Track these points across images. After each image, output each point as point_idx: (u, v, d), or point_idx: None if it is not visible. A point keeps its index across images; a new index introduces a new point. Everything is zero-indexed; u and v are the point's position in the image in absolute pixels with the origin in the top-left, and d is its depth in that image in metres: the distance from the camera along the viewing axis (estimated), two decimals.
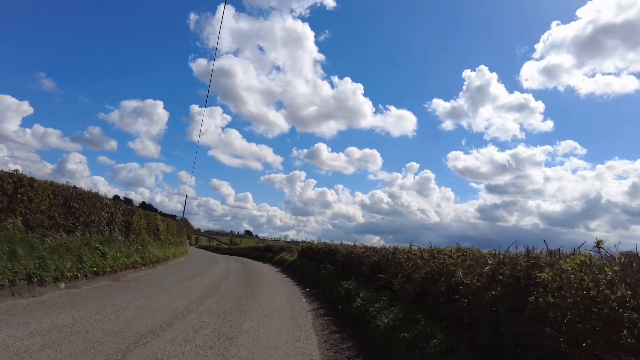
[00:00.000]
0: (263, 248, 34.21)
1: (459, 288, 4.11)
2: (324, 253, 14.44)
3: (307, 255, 18.20)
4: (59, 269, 7.81)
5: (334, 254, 12.85)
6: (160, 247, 16.94)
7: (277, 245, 29.99)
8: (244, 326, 6.27)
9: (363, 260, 8.87)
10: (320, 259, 14.51)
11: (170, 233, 21.95)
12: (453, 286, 4.20)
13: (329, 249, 13.98)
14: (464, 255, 4.41)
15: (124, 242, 12.00)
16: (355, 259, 9.76)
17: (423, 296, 4.80)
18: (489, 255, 4.27)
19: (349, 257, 10.47)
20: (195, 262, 20.37)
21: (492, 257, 4.11)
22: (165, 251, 17.53)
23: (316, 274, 12.89)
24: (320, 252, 15.06)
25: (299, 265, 17.58)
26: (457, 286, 4.12)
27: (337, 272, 10.83)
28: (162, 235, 18.14)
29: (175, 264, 17.24)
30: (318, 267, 13.83)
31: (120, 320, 5.86)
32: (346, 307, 7.09)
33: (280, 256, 24.42)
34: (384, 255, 7.74)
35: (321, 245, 15.99)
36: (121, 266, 11.06)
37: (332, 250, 13.43)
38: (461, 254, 4.45)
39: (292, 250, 25.86)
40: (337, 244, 13.57)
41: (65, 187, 9.13)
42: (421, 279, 4.92)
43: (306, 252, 18.82)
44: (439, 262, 4.68)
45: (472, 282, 3.97)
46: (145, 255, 13.49)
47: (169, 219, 22.58)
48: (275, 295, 10.01)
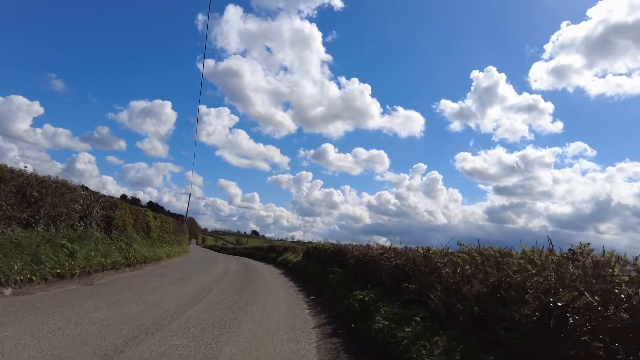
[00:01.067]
0: (267, 248, 32.57)
1: (565, 314, 2.39)
2: (331, 254, 12.74)
3: (312, 256, 16.52)
4: (1, 271, 6.27)
5: (343, 255, 11.15)
6: (151, 245, 15.43)
7: (281, 245, 28.34)
8: (223, 353, 4.61)
9: (381, 264, 7.15)
10: (328, 261, 12.82)
11: (166, 231, 20.47)
12: (552, 309, 2.48)
13: (337, 249, 12.28)
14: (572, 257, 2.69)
15: (102, 240, 10.48)
16: (369, 263, 8.05)
17: (487, 322, 3.10)
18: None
19: (361, 259, 8.77)
20: (192, 263, 18.84)
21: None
22: (158, 250, 16.02)
23: (323, 278, 11.19)
24: (328, 253, 13.36)
25: (304, 267, 15.90)
26: (563, 310, 2.40)
27: (348, 278, 9.12)
28: (154, 233, 16.64)
29: (169, 265, 15.71)
30: (325, 270, 12.13)
31: (52, 343, 4.24)
32: (362, 326, 5.37)
33: (284, 257, 22.79)
34: (409, 257, 6.00)
35: (328, 246, 14.29)
36: (96, 267, 9.52)
37: (341, 251, 11.72)
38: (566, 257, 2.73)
39: (297, 251, 24.21)
40: (347, 244, 11.86)
41: (20, 172, 7.60)
42: (483, 294, 3.21)
43: (312, 252, 17.14)
44: (516, 270, 2.98)
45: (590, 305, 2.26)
46: (130, 254, 11.97)
47: (164, 216, 21.11)
48: (273, 305, 8.34)
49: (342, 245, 12.52)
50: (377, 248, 8.67)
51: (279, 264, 22.63)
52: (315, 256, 15.70)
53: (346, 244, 12.07)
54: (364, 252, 8.90)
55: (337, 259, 11.74)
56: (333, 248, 13.11)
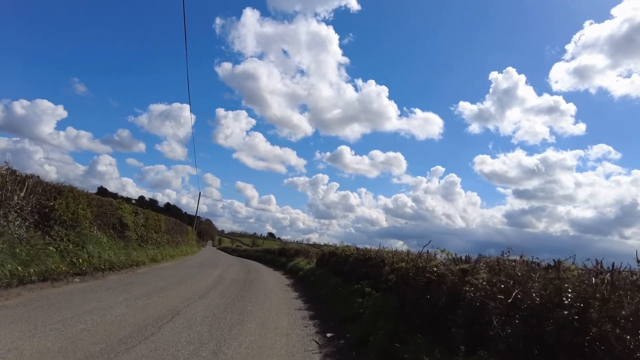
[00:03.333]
0: (277, 251, 29.14)
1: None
2: (356, 263, 9.12)
3: (329, 264, 12.94)
4: None
5: (375, 266, 7.54)
6: (125, 247, 12.23)
7: (293, 248, 24.81)
8: None
9: (467, 296, 3.53)
10: (351, 273, 9.23)
11: (155, 230, 17.34)
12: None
13: (365, 256, 8.63)
14: None
15: (27, 239, 7.27)
16: (433, 285, 4.43)
17: None
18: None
19: (413, 277, 5.14)
20: (184, 268, 15.60)
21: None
22: (136, 253, 12.82)
23: (344, 300, 7.62)
24: (350, 261, 9.75)
25: (318, 277, 12.33)
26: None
27: (391, 308, 5.49)
28: (131, 232, 13.47)
29: (148, 272, 12.50)
30: (347, 286, 8.55)
31: None
32: None
33: (295, 262, 19.29)
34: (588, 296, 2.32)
35: (350, 251, 10.66)
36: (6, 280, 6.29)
37: (371, 259, 8.10)
38: None
39: (311, 255, 20.64)
40: (380, 250, 8.22)
41: None
42: None
43: (328, 259, 13.55)
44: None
45: None
46: (80, 259, 8.75)
47: (152, 213, 17.99)
48: (264, 353, 4.82)
49: (371, 250, 8.87)
50: (445, 262, 4.98)
51: (288, 271, 19.15)
52: (333, 264, 12.11)
53: (378, 249, 8.43)
54: (417, 266, 5.25)
55: (365, 270, 8.11)
56: (358, 254, 9.48)
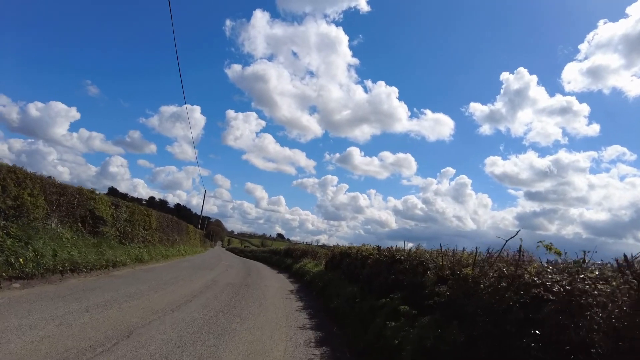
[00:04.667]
0: (283, 252, 27.00)
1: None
2: (377, 267, 6.84)
3: (340, 267, 10.71)
4: None
5: (412, 273, 5.25)
6: (97, 245, 10.21)
7: (299, 248, 22.60)
8: None
9: None
10: (370, 280, 6.97)
11: (144, 227, 15.37)
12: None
13: (393, 258, 6.34)
14: None
15: None
16: (564, 312, 2.19)
17: None
18: None
19: (496, 294, 2.89)
20: (177, 269, 13.55)
21: None
22: (112, 252, 10.80)
23: (366, 320, 5.39)
24: (369, 264, 7.49)
25: (328, 283, 10.09)
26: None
27: (450, 342, 3.24)
28: (108, 227, 11.47)
29: (129, 273, 10.45)
30: (367, 297, 6.30)
31: None
32: None
33: (301, 264, 17.10)
34: None
35: (368, 251, 8.39)
36: None
37: (402, 263, 5.84)
38: None
39: (319, 256, 18.42)
40: (420, 251, 5.90)
41: None
42: None
43: (339, 261, 11.31)
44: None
45: None
46: (20, 259, 6.73)
47: (141, 207, 16.00)
48: None
49: (400, 250, 6.55)
50: (559, 267, 2.72)
51: (294, 274, 16.97)
52: (346, 267, 9.86)
53: (411, 249, 6.13)
54: (506, 274, 2.99)
55: (393, 277, 5.84)
56: (380, 255, 7.20)
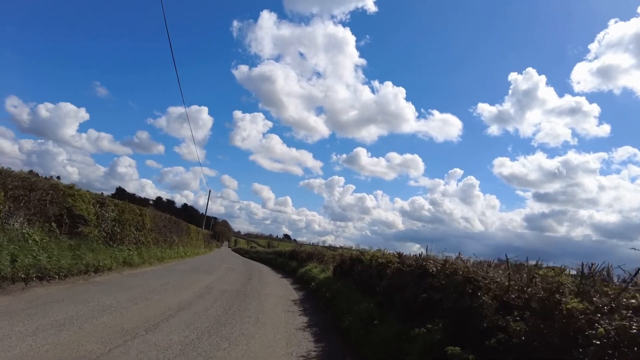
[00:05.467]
0: (288, 254, 25.73)
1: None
2: (401, 279, 5.48)
3: (351, 275, 9.36)
4: None
5: (456, 290, 3.90)
6: (75, 248, 9.02)
7: (305, 251, 21.27)
8: None
9: None
10: (390, 294, 5.62)
11: (138, 227, 14.23)
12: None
13: (420, 269, 4.99)
14: None
15: None
16: None
17: None
18: None
19: None
20: (171, 273, 12.36)
21: None
22: (94, 256, 9.62)
23: (393, 352, 4.08)
24: (389, 274, 6.13)
25: (337, 294, 8.74)
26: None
27: None
28: (91, 228, 10.30)
29: (112, 279, 9.27)
30: (387, 319, 4.97)
31: None
32: None
33: (307, 268, 15.80)
34: None
35: (387, 258, 7.00)
36: None
37: (435, 277, 4.49)
38: None
39: (326, 260, 17.10)
40: (460, 263, 4.53)
41: None
42: None
43: (349, 267, 9.96)
44: None
45: None
46: None
47: (135, 206, 14.82)
48: None
49: (429, 259, 5.17)
50: None
51: (299, 279, 15.66)
52: (358, 276, 8.50)
53: (447, 259, 4.76)
54: None
55: (425, 296, 4.50)
56: (403, 264, 5.83)
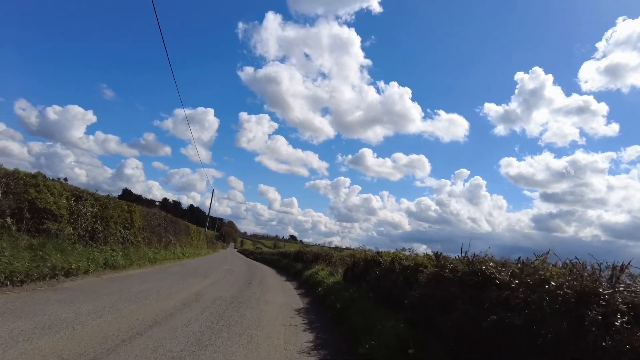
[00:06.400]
0: (293, 255, 24.20)
1: None
2: (442, 289, 3.94)
3: (365, 280, 7.79)
4: None
5: (558, 312, 2.35)
6: (38, 248, 7.61)
7: (310, 251, 19.72)
8: None
9: None
10: (427, 311, 4.08)
11: (126, 225, 12.85)
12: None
13: (475, 276, 3.44)
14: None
15: None
16: None
17: None
18: None
19: None
20: (160, 276, 10.91)
21: None
22: (62, 257, 8.21)
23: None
24: (422, 282, 4.57)
25: (348, 304, 7.14)
26: None
27: None
28: (63, 225, 8.87)
29: (85, 285, 7.84)
30: (431, 348, 3.44)
31: None
32: None
33: (313, 270, 14.26)
34: None
35: (417, 261, 5.41)
36: None
37: (502, 287, 2.96)
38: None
39: (334, 262, 15.53)
40: (559, 271, 2.96)
41: None
42: None
43: (363, 271, 8.38)
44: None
45: None
46: None
47: (123, 201, 13.43)
48: None
49: (493, 261, 3.61)
50: None
51: (303, 283, 14.11)
52: (375, 282, 6.93)
53: (530, 262, 3.22)
54: None
55: (493, 316, 2.97)
56: (442, 268, 4.26)
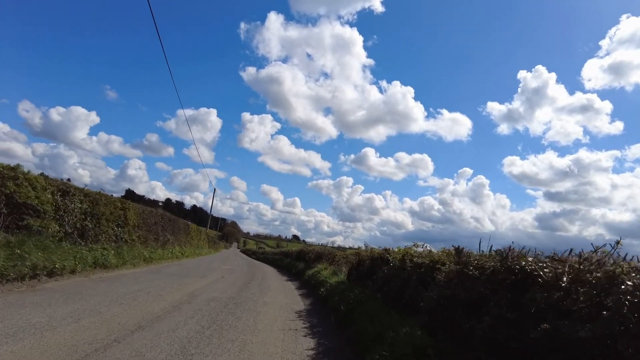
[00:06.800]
0: (295, 254, 23.57)
1: None
2: (467, 288, 3.28)
3: (372, 280, 7.12)
4: None
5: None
6: (16, 246, 7.02)
7: (313, 250, 19.06)
8: None
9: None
10: (447, 314, 3.42)
11: (120, 223, 12.26)
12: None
13: (510, 273, 2.78)
14: None
15: None
16: None
17: None
18: None
19: None
20: (154, 277, 10.30)
21: None
22: (44, 256, 7.61)
23: None
24: (442, 282, 3.91)
25: (354, 306, 6.47)
26: None
27: None
28: (46, 221, 8.25)
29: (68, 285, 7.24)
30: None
31: None
32: None
33: (316, 270, 13.61)
34: None
35: (435, 259, 4.75)
36: None
37: (555, 288, 2.31)
38: None
39: (338, 261, 14.87)
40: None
41: None
42: None
43: (369, 270, 7.70)
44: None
45: None
46: None
47: (117, 198, 12.80)
48: None
49: (532, 258, 2.95)
50: None
51: (306, 282, 13.45)
52: (383, 282, 6.26)
53: (597, 255, 2.58)
54: None
55: (544, 324, 2.32)
56: (465, 265, 3.61)
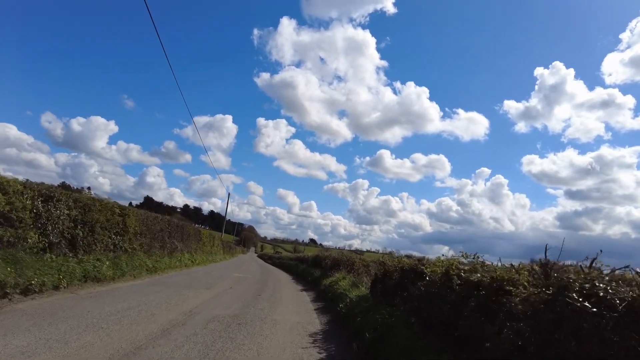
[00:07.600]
0: (310, 260, 22.28)
1: None
2: (588, 335, 1.98)
3: (402, 297, 5.76)
4: None
5: None
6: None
7: (330, 256, 17.55)
8: None
9: None
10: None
11: (119, 231, 11.37)
12: None
13: None
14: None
15: None
16: None
17: None
18: None
19: None
20: (152, 289, 9.26)
21: None
22: (17, 271, 6.66)
23: None
24: (538, 318, 2.56)
25: (382, 333, 5.15)
26: None
27: None
28: (27, 231, 7.31)
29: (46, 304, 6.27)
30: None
31: None
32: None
33: (333, 279, 12.30)
34: None
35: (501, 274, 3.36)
36: None
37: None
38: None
39: (358, 269, 13.49)
40: None
41: None
42: None
43: (398, 284, 6.33)
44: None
45: None
46: None
47: (114, 202, 11.93)
48: None
49: None
50: None
51: (321, 294, 12.12)
52: (420, 302, 4.91)
53: None
54: None
55: None
56: (564, 291, 2.28)
